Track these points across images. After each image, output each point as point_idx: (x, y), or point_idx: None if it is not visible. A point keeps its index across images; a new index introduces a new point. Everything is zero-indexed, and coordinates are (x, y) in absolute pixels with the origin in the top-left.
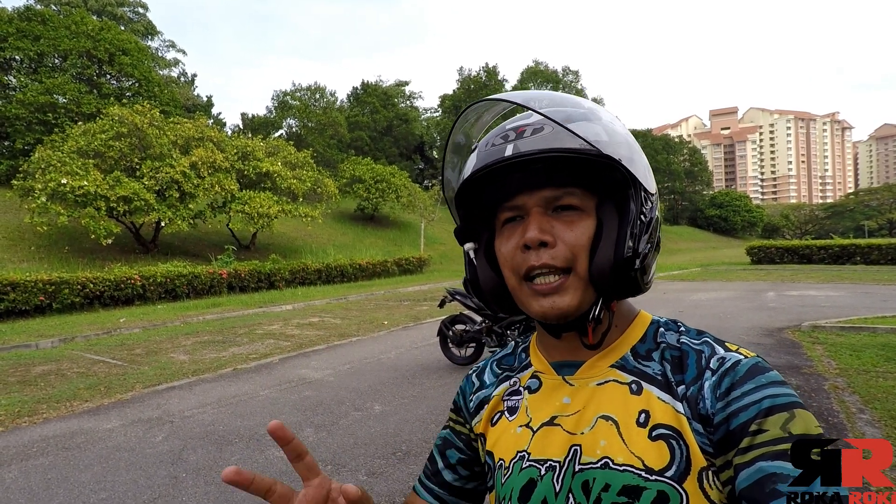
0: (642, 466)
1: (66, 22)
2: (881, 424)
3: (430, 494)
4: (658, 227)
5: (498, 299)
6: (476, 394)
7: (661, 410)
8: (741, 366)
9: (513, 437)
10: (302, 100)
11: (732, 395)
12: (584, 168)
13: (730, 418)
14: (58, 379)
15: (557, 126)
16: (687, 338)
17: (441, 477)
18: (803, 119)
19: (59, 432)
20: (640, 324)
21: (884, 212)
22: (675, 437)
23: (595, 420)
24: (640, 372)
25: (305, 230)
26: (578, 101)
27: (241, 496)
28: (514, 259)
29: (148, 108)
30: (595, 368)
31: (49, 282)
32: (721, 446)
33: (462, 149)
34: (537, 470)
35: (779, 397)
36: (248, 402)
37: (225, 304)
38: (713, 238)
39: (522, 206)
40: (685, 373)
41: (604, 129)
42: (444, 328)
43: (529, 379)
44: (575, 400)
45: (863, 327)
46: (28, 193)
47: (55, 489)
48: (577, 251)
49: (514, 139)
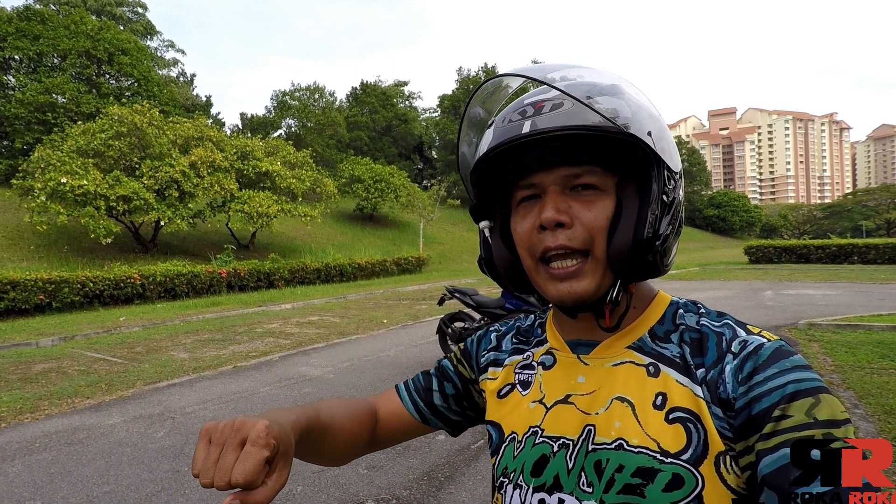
0: (658, 449)
1: (66, 21)
2: (875, 419)
3: (412, 403)
4: (681, 207)
5: (513, 279)
6: (491, 352)
7: (679, 393)
8: (764, 349)
9: (526, 412)
10: (301, 100)
11: (755, 379)
12: (605, 145)
13: (752, 403)
14: (59, 376)
15: (578, 101)
16: (707, 320)
17: (430, 396)
18: (801, 119)
19: (61, 428)
20: (658, 305)
21: (881, 212)
22: (693, 421)
23: (610, 401)
24: (658, 354)
25: (304, 230)
26: (602, 74)
27: None
28: (529, 239)
29: (147, 107)
30: (611, 349)
31: (49, 281)
32: (742, 431)
33: (478, 124)
34: (550, 446)
35: (803, 382)
36: (248, 399)
37: (224, 303)
38: (711, 238)
39: (539, 185)
40: (705, 356)
41: (627, 104)
42: (444, 326)
43: (544, 355)
44: (590, 379)
45: (859, 325)
46: (27, 193)
47: (59, 482)
48: (595, 233)
49: (532, 115)
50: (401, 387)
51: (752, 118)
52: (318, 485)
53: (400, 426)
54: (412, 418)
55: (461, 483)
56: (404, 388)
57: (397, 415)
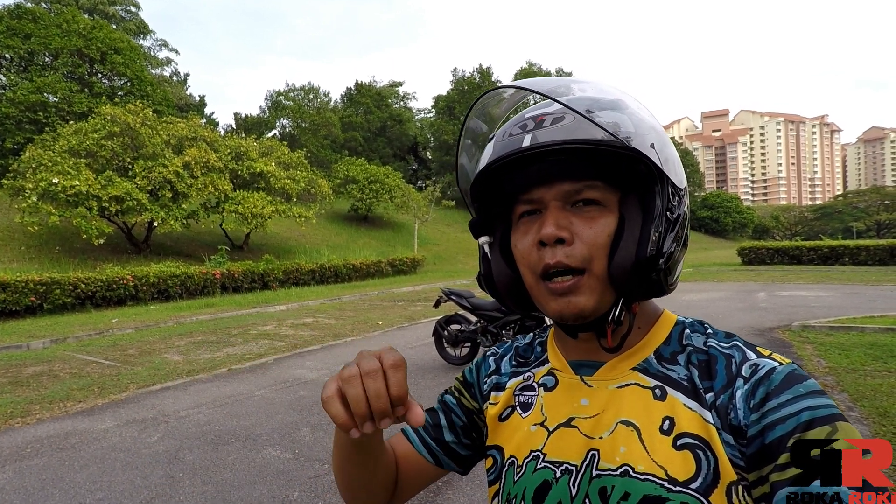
0: (665, 476)
1: (58, 20)
2: (869, 421)
3: (423, 444)
4: (686, 223)
5: (513, 296)
6: (492, 377)
7: (688, 418)
8: (776, 374)
9: (526, 436)
10: (295, 100)
11: (768, 405)
12: (608, 160)
13: (765, 431)
14: (50, 380)
15: (579, 115)
16: (715, 340)
17: (440, 433)
18: (793, 122)
19: (53, 433)
20: (664, 325)
21: (871, 213)
22: (703, 448)
23: (615, 425)
24: (665, 376)
25: (299, 230)
26: (604, 89)
27: (239, 495)
28: (529, 256)
29: (140, 107)
30: (615, 370)
31: (40, 282)
32: (755, 461)
33: (479, 136)
34: (552, 472)
35: (819, 409)
36: (243, 402)
37: (218, 305)
38: (704, 239)
39: (540, 200)
40: (714, 379)
41: (629, 118)
42: (440, 328)
43: (545, 376)
44: (593, 402)
45: (851, 327)
46: (18, 193)
47: (51, 489)
48: (595, 250)
49: (533, 129)
50: (408, 429)
51: (744, 120)
52: (315, 490)
53: (412, 471)
54: (424, 461)
55: (459, 488)
56: (420, 440)
57: (408, 458)
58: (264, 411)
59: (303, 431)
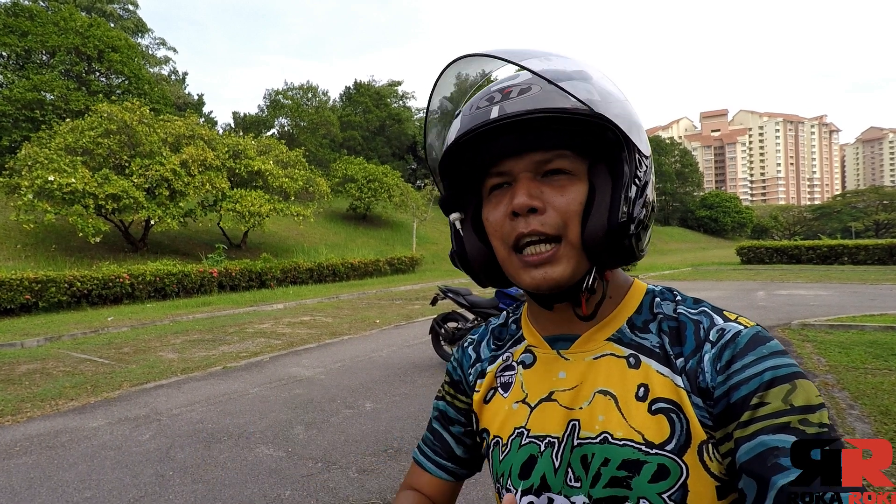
0: (642, 440)
1: (55, 18)
2: (871, 420)
3: (446, 472)
4: (653, 192)
5: (487, 271)
6: (474, 367)
7: (661, 384)
8: (741, 337)
9: (509, 414)
10: (294, 99)
11: (733, 367)
12: (575, 130)
13: (730, 391)
14: (43, 377)
15: (546, 85)
16: (684, 307)
17: (452, 451)
18: (792, 122)
19: (43, 431)
20: (635, 294)
21: (870, 213)
22: (676, 411)
23: (593, 395)
24: (638, 345)
25: (297, 229)
26: (568, 59)
27: (229, 494)
28: (502, 228)
29: (138, 105)
30: (591, 342)
31: (35, 280)
32: (721, 419)
33: (446, 112)
34: (537, 446)
35: (780, 368)
36: (237, 401)
37: (215, 303)
38: (703, 239)
39: (510, 172)
40: (683, 345)
41: (595, 87)
42: (437, 326)
43: (523, 353)
44: (570, 374)
45: (851, 325)
46: (14, 191)
47: (38, 488)
48: (569, 217)
49: (500, 101)
50: (421, 459)
51: (743, 120)
52: (307, 489)
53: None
54: (449, 482)
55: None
56: (424, 458)
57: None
58: (258, 409)
59: (296, 429)
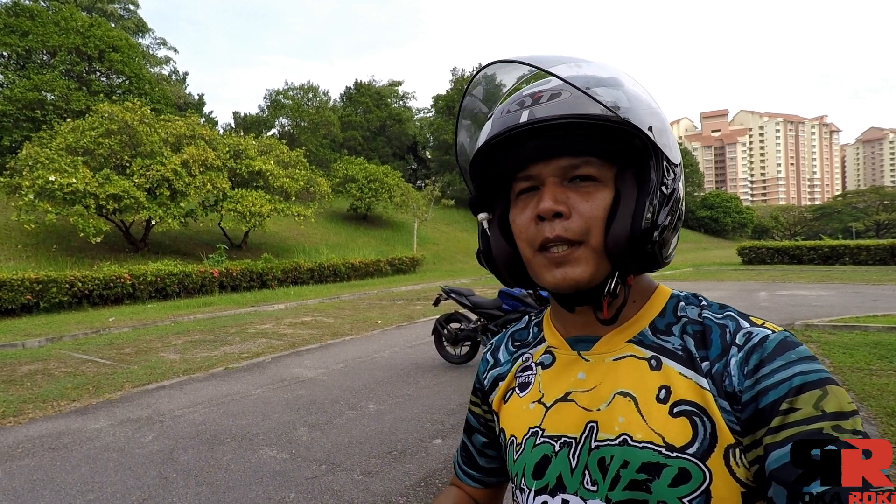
0: (662, 443)
1: (55, 18)
2: (877, 421)
3: (473, 480)
4: (681, 200)
5: (512, 272)
6: (490, 372)
7: (684, 386)
8: (769, 341)
9: (524, 414)
10: (295, 99)
11: (761, 372)
12: (604, 136)
13: (759, 396)
14: (44, 378)
15: (576, 91)
16: (709, 312)
17: (476, 462)
18: (792, 122)
19: (45, 432)
20: (659, 298)
21: (871, 213)
22: (699, 414)
23: (612, 396)
24: (660, 347)
25: (298, 229)
26: (601, 66)
27: (233, 497)
28: (528, 231)
29: (139, 105)
30: (612, 344)
31: (36, 280)
32: (749, 425)
33: (476, 114)
34: (551, 446)
35: (810, 374)
36: (240, 402)
37: (216, 304)
38: (704, 239)
39: (537, 176)
40: (709, 348)
41: (626, 94)
42: (439, 326)
43: (542, 354)
44: (590, 376)
45: (855, 326)
46: (15, 191)
47: (41, 490)
48: (592, 223)
49: (531, 105)
50: (454, 465)
51: (743, 120)
52: (312, 492)
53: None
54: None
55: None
56: (456, 464)
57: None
58: (261, 410)
59: (300, 431)
